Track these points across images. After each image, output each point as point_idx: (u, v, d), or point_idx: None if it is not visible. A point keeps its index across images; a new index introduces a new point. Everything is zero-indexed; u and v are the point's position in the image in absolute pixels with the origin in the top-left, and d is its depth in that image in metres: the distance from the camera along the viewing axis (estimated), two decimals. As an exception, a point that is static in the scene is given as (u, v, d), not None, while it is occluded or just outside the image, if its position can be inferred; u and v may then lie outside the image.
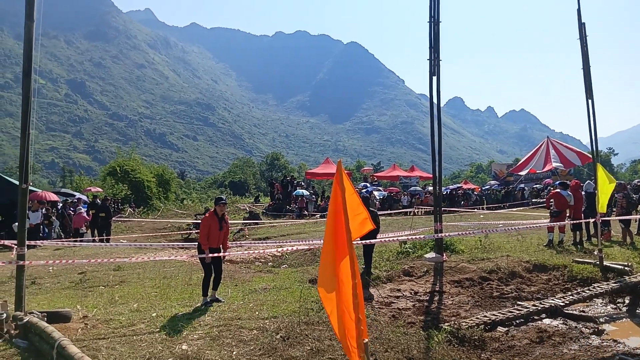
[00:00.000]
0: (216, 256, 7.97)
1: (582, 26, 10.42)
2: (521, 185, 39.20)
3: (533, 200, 32.95)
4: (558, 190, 13.63)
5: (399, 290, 9.41)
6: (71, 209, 23.23)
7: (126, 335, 6.25)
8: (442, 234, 11.01)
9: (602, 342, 6.55)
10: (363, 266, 10.59)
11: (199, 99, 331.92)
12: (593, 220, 11.15)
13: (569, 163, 37.71)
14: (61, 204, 24.52)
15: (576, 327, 7.18)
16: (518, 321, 7.36)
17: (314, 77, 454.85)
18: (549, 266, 10.61)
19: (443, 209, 14.60)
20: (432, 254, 11.35)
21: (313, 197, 32.85)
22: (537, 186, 37.67)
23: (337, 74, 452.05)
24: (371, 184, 39.25)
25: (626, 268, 9.94)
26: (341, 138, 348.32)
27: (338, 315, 3.24)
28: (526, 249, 12.64)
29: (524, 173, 39.57)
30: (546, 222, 13.90)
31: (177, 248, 15.37)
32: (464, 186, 43.00)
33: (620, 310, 8.24)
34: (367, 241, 9.93)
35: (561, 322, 7.43)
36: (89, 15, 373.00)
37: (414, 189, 37.21)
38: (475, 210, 31.16)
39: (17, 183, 7.21)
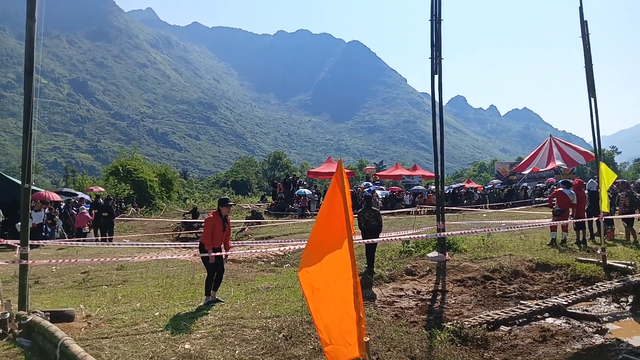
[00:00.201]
0: (218, 256, 7.98)
1: (584, 24, 10.40)
2: (524, 184, 39.13)
3: (536, 199, 32.87)
4: (561, 189, 13.62)
5: (401, 289, 9.41)
6: (74, 208, 23.30)
7: (129, 334, 6.26)
8: (445, 233, 10.99)
9: (606, 341, 6.54)
10: (365, 265, 10.59)
11: (201, 99, 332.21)
12: (596, 218, 11.11)
13: (572, 162, 37.58)
14: (64, 204, 24.57)
15: (579, 326, 7.17)
16: (521, 320, 7.35)
17: (316, 76, 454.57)
18: (552, 265, 10.60)
19: (446, 208, 14.58)
20: (434, 253, 11.33)
21: (315, 196, 32.83)
22: (540, 185, 37.58)
23: (339, 72, 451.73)
24: (373, 183, 39.25)
25: (629, 267, 9.91)
26: (343, 137, 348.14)
27: (319, 302, 3.22)
28: (529, 247, 12.63)
29: (527, 172, 39.47)
30: (549, 221, 13.88)
31: (179, 247, 15.38)
32: (467, 185, 42.94)
33: (624, 309, 8.22)
34: (370, 240, 9.93)
35: (564, 321, 7.42)
36: (90, 15, 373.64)
37: (416, 188, 37.19)
38: (478, 209, 31.13)
39: (19, 183, 7.21)
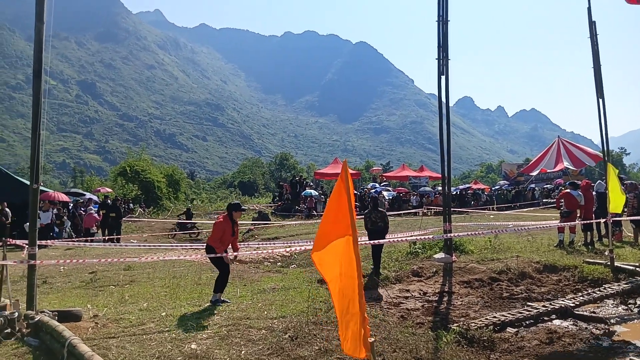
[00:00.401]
0: (221, 257, 8.02)
1: (592, 24, 10.36)
2: (532, 185, 38.96)
3: (544, 200, 32.72)
4: (568, 191, 13.55)
5: (407, 290, 9.40)
6: (82, 209, 23.45)
7: (136, 334, 6.29)
8: (452, 235, 10.97)
9: (613, 344, 6.51)
10: (372, 266, 10.58)
11: (208, 100, 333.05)
12: (604, 220, 11.05)
13: (580, 163, 37.39)
14: (72, 204, 24.74)
15: (587, 328, 7.13)
16: (528, 322, 7.32)
17: (322, 77, 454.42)
18: (560, 267, 10.54)
19: (452, 209, 14.55)
20: (441, 255, 11.31)
21: (322, 197, 32.84)
22: (548, 186, 37.40)
23: (346, 73, 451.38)
24: (380, 184, 39.23)
25: (637, 269, 9.85)
26: (350, 138, 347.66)
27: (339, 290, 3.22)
28: (536, 249, 12.57)
29: (535, 173, 39.29)
30: (556, 223, 13.81)
31: (186, 248, 15.43)
32: (474, 186, 42.83)
33: (632, 311, 8.17)
34: (376, 241, 9.92)
35: (571, 323, 7.38)
36: (99, 17, 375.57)
37: (423, 189, 37.13)
38: (485, 210, 31.03)
39: (28, 183, 7.27)
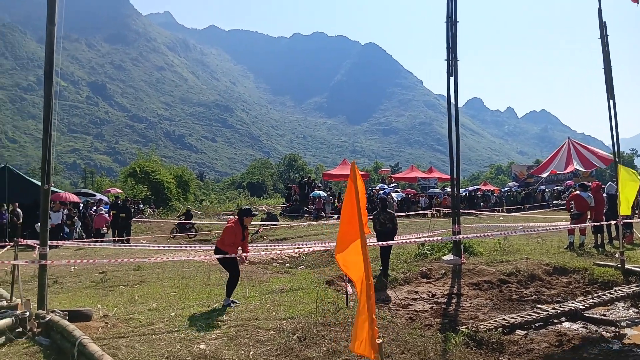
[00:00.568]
0: (234, 259, 8.08)
1: (602, 25, 10.28)
2: (542, 187, 38.73)
3: (554, 202, 32.50)
4: (578, 192, 13.47)
5: (416, 292, 9.38)
6: (92, 209, 23.62)
7: (145, 334, 6.33)
8: (461, 236, 10.93)
9: (624, 347, 6.45)
10: (380, 268, 10.57)
11: (217, 101, 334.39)
12: (615, 222, 10.96)
13: (590, 164, 37.14)
14: (83, 205, 24.94)
15: (597, 331, 7.07)
16: (537, 324, 7.27)
17: (331, 78, 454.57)
18: (570, 269, 10.48)
19: (462, 210, 14.50)
20: (450, 256, 11.28)
21: (330, 198, 32.86)
22: (558, 188, 37.16)
23: (354, 75, 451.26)
24: (389, 185, 39.16)
25: (649, 271, 9.76)
26: (359, 139, 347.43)
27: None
28: (546, 251, 12.50)
29: (545, 175, 39.08)
30: (566, 225, 13.72)
31: (196, 249, 15.50)
32: (483, 188, 42.62)
33: (643, 314, 8.09)
34: (384, 243, 9.91)
35: (581, 325, 7.33)
36: (109, 19, 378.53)
37: (432, 190, 37.02)
38: (495, 212, 30.88)
39: (39, 184, 7.34)
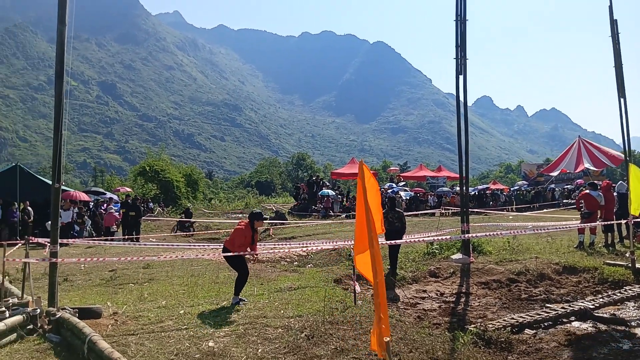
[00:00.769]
0: (243, 258, 8.16)
1: (613, 23, 10.20)
2: (551, 186, 38.45)
3: (564, 201, 32.26)
4: (588, 191, 13.38)
5: (424, 291, 9.37)
6: (102, 208, 23.80)
7: (155, 331, 6.37)
8: (469, 235, 10.89)
9: (634, 347, 6.40)
10: (388, 267, 10.56)
11: (226, 100, 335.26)
12: (625, 221, 10.87)
13: (601, 163, 36.82)
14: (93, 204, 25.12)
15: (606, 330, 7.02)
16: (546, 324, 7.24)
17: (340, 77, 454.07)
18: (579, 268, 10.41)
19: (471, 209, 14.44)
20: (458, 255, 11.24)
21: (339, 197, 32.83)
22: (568, 187, 36.87)
23: (363, 73, 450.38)
24: (397, 184, 39.05)
25: (660, 271, 9.68)
26: (367, 138, 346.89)
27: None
28: (556, 250, 12.42)
29: (555, 174, 38.79)
30: (576, 224, 13.63)
31: (205, 248, 15.57)
32: (492, 186, 42.37)
33: (653, 314, 8.02)
34: (393, 242, 9.90)
35: (591, 325, 7.28)
36: (119, 19, 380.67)
37: (441, 189, 36.86)
38: (504, 211, 30.71)
39: (50, 182, 7.41)
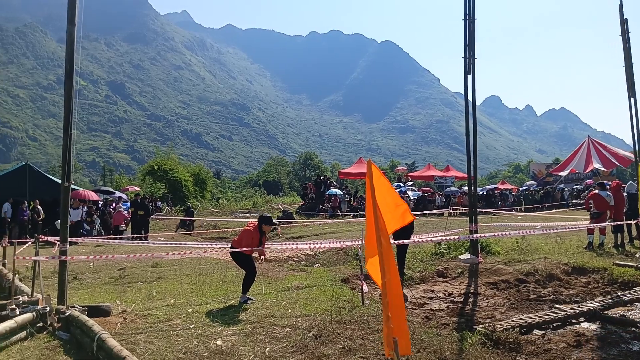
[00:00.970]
0: (251, 258, 8.22)
1: (624, 22, 10.12)
2: (561, 186, 38.23)
3: (573, 201, 32.06)
4: (597, 192, 13.29)
5: (432, 291, 9.34)
6: (111, 206, 23.95)
7: (163, 330, 6.41)
8: (478, 235, 10.85)
9: (644, 348, 6.35)
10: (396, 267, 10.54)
11: (234, 100, 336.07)
12: (635, 222, 10.80)
13: (611, 164, 36.57)
14: (102, 202, 25.29)
15: (616, 331, 6.97)
16: (555, 324, 7.18)
17: (348, 76, 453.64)
18: (589, 269, 10.34)
19: (479, 209, 14.39)
20: (467, 256, 11.20)
21: (346, 196, 32.83)
22: (578, 187, 36.64)
23: (371, 73, 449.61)
24: (405, 184, 38.97)
25: (670, 272, 9.60)
26: (375, 137, 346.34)
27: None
28: (565, 251, 12.35)
29: (564, 174, 38.57)
30: (585, 224, 13.55)
31: (213, 247, 15.62)
32: (501, 186, 42.19)
33: (664, 315, 7.94)
34: (401, 241, 9.87)
35: (600, 326, 7.22)
36: (128, 19, 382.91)
37: (449, 189, 36.76)
38: (513, 211, 30.56)
39: (59, 181, 7.47)
